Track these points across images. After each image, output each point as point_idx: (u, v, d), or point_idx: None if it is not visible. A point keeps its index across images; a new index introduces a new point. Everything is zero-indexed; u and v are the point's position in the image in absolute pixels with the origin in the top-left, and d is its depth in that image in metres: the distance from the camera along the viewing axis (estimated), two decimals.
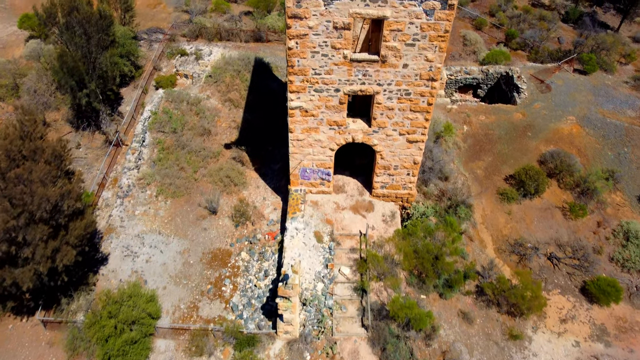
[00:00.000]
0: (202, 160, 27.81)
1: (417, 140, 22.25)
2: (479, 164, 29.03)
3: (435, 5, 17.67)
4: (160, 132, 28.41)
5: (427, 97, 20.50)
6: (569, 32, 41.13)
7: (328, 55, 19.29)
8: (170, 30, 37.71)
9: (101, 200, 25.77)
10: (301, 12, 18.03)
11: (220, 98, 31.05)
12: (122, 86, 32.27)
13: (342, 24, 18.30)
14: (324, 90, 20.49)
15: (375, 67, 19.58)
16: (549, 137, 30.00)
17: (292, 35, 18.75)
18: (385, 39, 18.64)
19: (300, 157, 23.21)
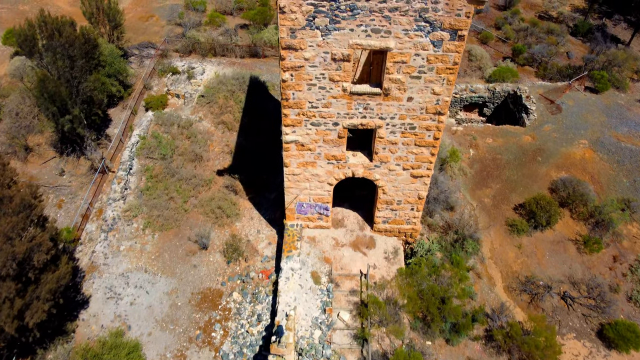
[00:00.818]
0: (193, 188, 26.21)
1: (422, 175, 20.65)
2: (486, 191, 27.40)
3: (444, 36, 16.07)
4: (148, 158, 26.81)
5: (434, 131, 18.90)
6: (578, 46, 39.51)
7: (326, 87, 17.69)
8: (163, 45, 36.13)
9: (84, 234, 24.17)
10: (296, 43, 16.43)
11: (213, 120, 29.44)
12: (111, 106, 30.67)
13: (341, 55, 16.70)
14: (321, 124, 18.89)
15: (377, 100, 17.99)
16: (560, 162, 28.37)
17: (286, 67, 17.15)
18: (389, 71, 17.05)
19: (296, 192, 21.62)
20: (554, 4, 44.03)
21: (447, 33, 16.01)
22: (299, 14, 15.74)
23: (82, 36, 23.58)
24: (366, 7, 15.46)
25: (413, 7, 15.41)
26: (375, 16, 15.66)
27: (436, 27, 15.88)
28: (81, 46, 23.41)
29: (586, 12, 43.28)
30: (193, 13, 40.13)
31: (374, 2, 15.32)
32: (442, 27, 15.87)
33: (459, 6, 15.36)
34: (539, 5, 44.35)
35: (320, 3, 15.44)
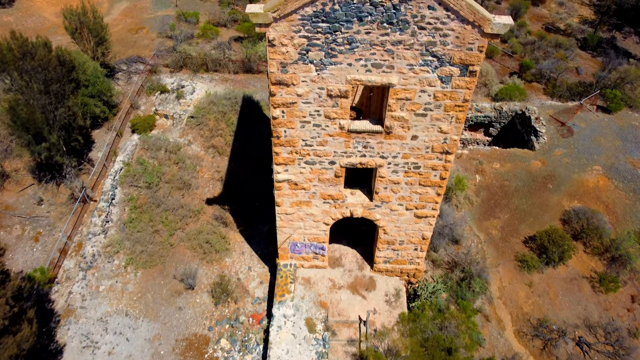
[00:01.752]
0: (180, 220, 24.44)
1: (427, 216, 18.89)
2: (494, 222, 25.64)
3: (453, 72, 14.32)
4: (133, 186, 25.04)
5: (440, 170, 17.14)
6: (588, 61, 37.78)
7: (321, 125, 15.93)
8: (152, 60, 34.36)
9: (62, 272, 22.39)
10: (287, 78, 14.68)
11: (203, 144, 27.67)
12: (95, 127, 28.91)
13: (338, 91, 14.95)
14: (316, 163, 17.13)
15: (378, 138, 16.23)
16: (573, 190, 26.63)
17: (277, 104, 15.39)
18: (391, 108, 15.29)
19: (289, 231, 19.85)
20: (562, 15, 42.31)
21: (457, 68, 14.26)
22: (291, 47, 13.99)
23: (56, 58, 21.78)
24: (366, 40, 13.71)
25: (419, 40, 13.66)
26: (377, 50, 13.92)
27: (445, 62, 14.13)
28: (56, 69, 21.62)
29: (595, 24, 41.55)
30: (185, 25, 38.37)
31: (375, 34, 13.57)
32: (452, 62, 14.12)
33: (470, 40, 13.61)
34: (546, 16, 42.62)
35: (314, 35, 13.69)
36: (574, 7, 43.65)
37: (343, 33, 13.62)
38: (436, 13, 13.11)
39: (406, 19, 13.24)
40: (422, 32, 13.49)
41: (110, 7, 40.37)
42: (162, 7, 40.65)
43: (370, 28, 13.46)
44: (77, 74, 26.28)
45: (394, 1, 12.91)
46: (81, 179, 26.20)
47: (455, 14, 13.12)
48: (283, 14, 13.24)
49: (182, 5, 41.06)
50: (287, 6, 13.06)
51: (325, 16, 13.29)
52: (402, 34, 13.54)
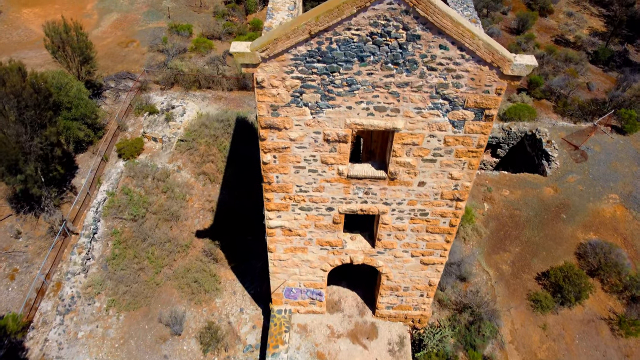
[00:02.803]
0: (168, 255, 22.75)
1: (434, 263, 17.19)
2: (504, 256, 23.94)
3: (467, 116, 12.62)
4: (117, 218, 23.35)
5: (450, 217, 15.45)
6: (599, 76, 36.07)
7: (317, 170, 14.25)
8: (142, 76, 32.67)
9: (38, 315, 20.70)
10: (279, 121, 12.99)
11: (193, 170, 25.97)
12: (79, 152, 27.21)
13: (337, 136, 13.25)
14: (312, 209, 15.44)
15: (382, 184, 14.54)
16: (588, 221, 24.92)
17: (267, 149, 13.70)
18: (396, 153, 13.60)
19: (283, 277, 18.16)
20: (571, 26, 40.60)
21: (471, 112, 12.56)
22: (282, 89, 12.30)
23: (31, 85, 20.10)
24: (368, 81, 12.02)
25: (429, 82, 11.96)
26: (380, 92, 12.23)
27: (457, 105, 12.43)
28: (31, 96, 19.94)
29: (606, 36, 39.83)
30: (178, 37, 36.68)
31: (378, 75, 11.88)
32: (465, 106, 12.43)
33: (487, 82, 11.91)
34: (555, 28, 40.92)
35: (309, 77, 12.00)
36: (583, 17, 41.96)
37: (342, 74, 11.93)
38: (448, 53, 11.42)
39: (414, 59, 11.55)
40: (432, 73, 11.80)
41: (99, 19, 38.70)
42: (154, 19, 38.97)
43: (372, 69, 11.78)
44: (58, 97, 24.66)
45: (400, 40, 11.22)
46: (62, 209, 24.53)
47: (470, 54, 11.42)
48: (273, 53, 11.55)
49: (175, 17, 39.39)
50: (278, 45, 11.38)
51: (321, 56, 11.61)
52: (410, 75, 11.85)
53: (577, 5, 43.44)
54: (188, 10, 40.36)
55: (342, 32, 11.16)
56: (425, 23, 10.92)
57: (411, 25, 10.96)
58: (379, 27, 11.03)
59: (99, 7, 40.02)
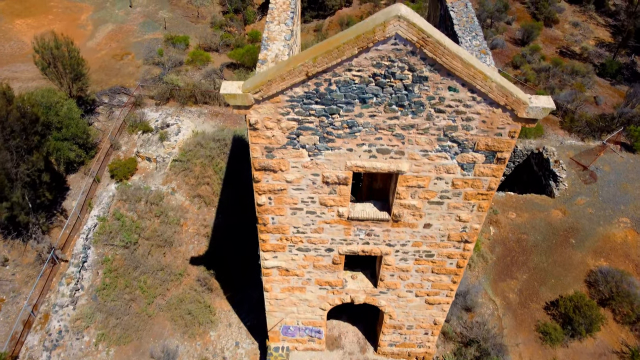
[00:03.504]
0: (160, 284, 21.82)
1: (440, 302, 16.24)
2: (511, 284, 22.99)
3: (477, 159, 11.68)
4: (108, 245, 22.42)
5: (457, 259, 14.51)
6: (607, 89, 35.12)
7: (316, 212, 13.31)
8: (137, 91, 31.75)
9: (24, 350, 19.77)
10: (274, 164, 12.05)
11: (188, 193, 25.04)
12: (70, 172, 26.29)
13: (336, 178, 12.31)
14: (310, 250, 14.50)
15: (385, 226, 13.60)
16: (598, 246, 23.96)
17: (262, 191, 12.77)
18: (400, 195, 12.66)
19: (281, 315, 17.22)
20: (577, 37, 39.65)
21: (482, 155, 11.62)
22: (277, 131, 11.37)
23: (17, 110, 19.18)
24: (370, 123, 11.09)
25: (436, 124, 11.02)
26: (383, 134, 11.29)
27: (467, 147, 11.49)
28: (17, 121, 19.03)
29: (613, 47, 38.87)
30: (174, 50, 35.75)
31: (382, 118, 10.94)
32: (476, 149, 11.49)
33: (500, 124, 10.97)
34: (560, 38, 39.97)
35: (306, 118, 11.06)
36: (589, 28, 41.01)
37: (342, 116, 10.99)
38: (458, 95, 10.48)
39: (421, 101, 10.61)
40: (440, 115, 10.86)
41: (94, 30, 37.79)
42: (150, 30, 38.06)
43: (375, 111, 10.84)
44: (47, 117, 23.76)
45: (405, 82, 10.28)
46: (52, 233, 23.62)
47: (482, 96, 10.48)
48: (267, 95, 10.62)
49: (171, 28, 38.48)
50: (272, 87, 10.44)
51: (319, 97, 10.67)
52: (416, 117, 10.91)
53: (583, 15, 42.50)
54: (185, 20, 39.46)
55: (342, 73, 10.23)
56: (434, 64, 9.99)
57: (418, 66, 10.03)
58: (383, 69, 10.10)
59: (93, 17, 39.13)
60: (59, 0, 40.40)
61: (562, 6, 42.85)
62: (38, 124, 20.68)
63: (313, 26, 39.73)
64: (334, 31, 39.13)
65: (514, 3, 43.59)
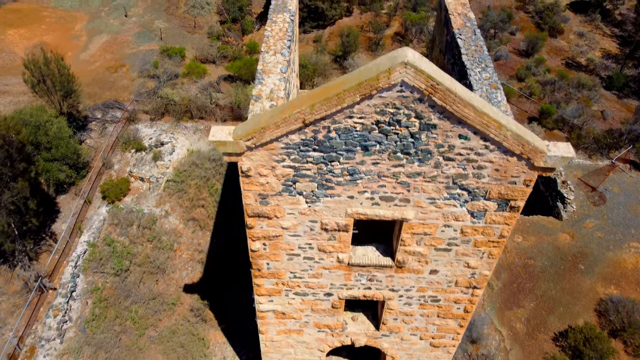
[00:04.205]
0: (153, 314, 20.91)
1: (446, 345, 15.33)
2: (518, 313, 22.08)
3: (488, 207, 10.77)
4: (98, 273, 21.52)
5: (465, 304, 13.60)
6: (614, 103, 34.22)
7: (314, 258, 12.40)
8: (131, 106, 30.84)
9: None
10: (269, 210, 11.14)
11: (182, 215, 24.13)
12: (60, 193, 25.38)
13: (336, 225, 11.41)
14: (308, 294, 13.60)
15: (388, 272, 12.70)
16: (608, 272, 23.07)
17: (256, 237, 11.87)
18: (405, 242, 11.76)
19: (277, 357, 16.32)
20: (582, 48, 38.74)
21: (494, 203, 10.71)
22: (272, 178, 10.46)
23: (1, 138, 18.28)
24: (373, 171, 10.18)
25: (444, 172, 10.12)
26: (387, 182, 10.38)
27: (477, 195, 10.58)
28: (1, 148, 18.13)
29: (619, 59, 37.96)
30: (169, 62, 34.83)
31: (385, 165, 10.04)
32: (487, 197, 10.58)
33: (514, 173, 10.07)
34: (565, 49, 39.06)
35: (303, 166, 10.16)
36: (594, 38, 40.10)
37: (342, 163, 10.09)
38: (469, 143, 9.57)
39: (428, 149, 9.71)
40: (449, 163, 9.96)
41: (88, 41, 36.87)
42: (146, 41, 37.15)
43: (378, 158, 9.94)
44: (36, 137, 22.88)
45: (411, 129, 9.38)
46: (41, 258, 22.72)
47: (495, 145, 9.58)
48: (260, 142, 9.71)
49: (167, 39, 37.57)
50: (265, 135, 9.54)
51: (318, 145, 9.77)
52: (422, 165, 10.01)
53: (589, 25, 41.59)
54: (181, 31, 38.55)
55: (343, 120, 9.33)
56: (443, 112, 9.08)
57: (426, 114, 9.13)
58: (387, 116, 9.20)
59: (88, 27, 38.22)
60: (52, 10, 39.51)
61: (567, 15, 41.94)
62: (24, 151, 19.77)
63: (312, 36, 38.82)
64: (333, 42, 38.24)
65: (517, 12, 42.68)
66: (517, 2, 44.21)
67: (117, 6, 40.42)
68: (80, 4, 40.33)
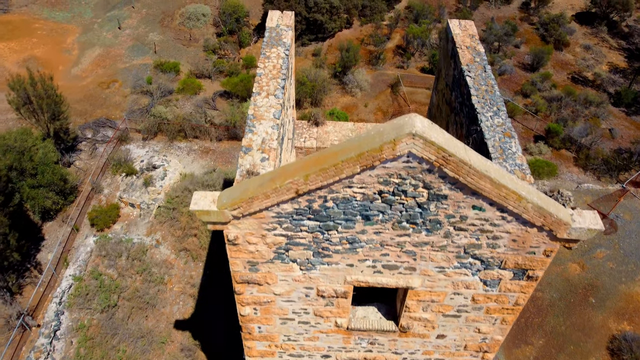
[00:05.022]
0: (141, 354, 19.80)
1: None
2: (526, 350, 20.99)
3: (503, 275, 9.68)
4: (84, 309, 20.42)
5: None
6: (622, 120, 33.15)
7: (310, 322, 11.30)
8: (123, 124, 29.77)
9: None
10: (259, 277, 10.05)
11: (173, 245, 23.04)
12: (47, 220, 24.30)
13: (334, 292, 10.31)
14: (304, 356, 12.50)
15: (391, 336, 11.60)
16: (621, 307, 21.98)
17: (246, 302, 10.77)
18: (410, 309, 10.67)
19: None
20: (589, 61, 37.66)
21: (510, 272, 9.63)
22: (262, 246, 9.37)
23: None
24: (375, 240, 9.10)
25: (455, 242, 9.03)
26: (391, 250, 9.30)
27: (492, 265, 9.50)
28: None
29: (627, 73, 36.88)
30: (163, 77, 33.74)
31: (389, 235, 8.96)
32: (503, 266, 9.49)
33: (534, 243, 8.99)
34: (571, 63, 37.99)
35: (296, 234, 9.07)
36: (601, 51, 39.03)
37: (340, 232, 9.00)
38: (484, 214, 8.49)
39: (437, 219, 8.62)
40: (460, 233, 8.87)
41: (80, 55, 35.79)
42: (139, 55, 36.06)
43: (381, 228, 8.85)
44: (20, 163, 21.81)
45: (419, 200, 8.29)
46: (25, 292, 21.63)
47: (514, 216, 8.49)
48: (248, 212, 8.62)
49: (162, 52, 36.48)
50: (254, 204, 8.45)
51: (313, 214, 8.68)
52: (431, 235, 8.92)
53: (595, 37, 40.53)
54: (176, 44, 37.47)
55: (341, 190, 8.24)
56: (455, 183, 8.00)
57: (435, 184, 8.04)
58: (391, 186, 8.11)
59: (80, 40, 37.14)
60: (44, 22, 38.44)
61: (572, 27, 40.89)
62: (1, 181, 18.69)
63: (311, 50, 37.73)
64: (333, 55, 37.16)
65: (522, 24, 41.63)
66: (521, 13, 43.17)
67: (110, 18, 39.34)
68: (73, 16, 39.25)
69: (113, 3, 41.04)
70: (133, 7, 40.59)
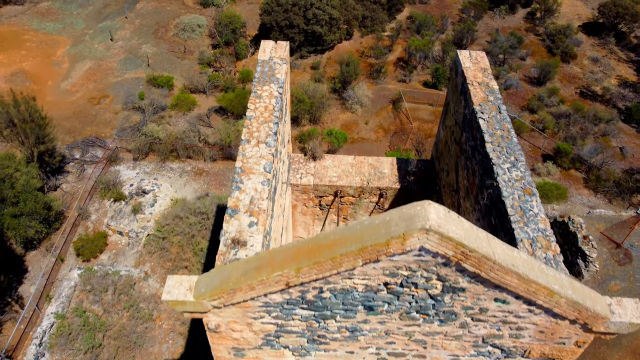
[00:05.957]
0: None
1: None
2: None
3: None
4: (67, 350, 19.14)
5: None
6: (633, 138, 31.90)
7: None
8: (113, 143, 28.50)
9: None
10: None
11: (163, 278, 21.76)
12: (30, 249, 23.04)
13: None
14: None
15: None
16: (637, 345, 20.72)
17: None
18: None
19: None
20: (597, 75, 36.42)
21: None
22: (249, 333, 8.11)
23: None
24: (379, 329, 7.83)
25: (472, 332, 7.76)
26: (397, 339, 8.03)
27: (514, 354, 8.23)
28: None
29: (637, 87, 35.62)
30: (156, 92, 32.47)
31: (396, 325, 7.69)
32: (527, 355, 8.23)
33: (565, 335, 7.71)
34: (579, 76, 36.73)
35: (288, 323, 7.80)
36: (609, 64, 37.77)
37: (339, 322, 7.73)
38: (508, 307, 7.22)
39: (453, 310, 7.35)
40: (479, 324, 7.61)
41: (70, 68, 34.52)
42: (132, 68, 34.80)
43: (387, 318, 7.59)
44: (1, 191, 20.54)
45: (432, 292, 7.03)
46: (5, 328, 20.35)
47: (543, 309, 7.22)
48: (230, 302, 7.35)
49: (155, 65, 35.21)
50: (237, 296, 7.19)
51: (307, 304, 7.42)
52: (444, 325, 7.66)
53: (603, 49, 39.27)
54: (170, 56, 36.21)
55: (339, 281, 6.98)
56: (476, 277, 6.73)
57: (451, 277, 6.77)
58: (399, 278, 6.85)
59: (70, 53, 35.86)
60: (34, 33, 37.16)
61: (579, 38, 39.63)
62: None
63: (310, 62, 36.47)
64: (332, 68, 35.91)
65: (527, 35, 40.37)
66: (526, 24, 41.92)
67: (102, 29, 38.09)
68: (64, 27, 37.99)
69: (105, 13, 39.80)
70: (126, 18, 39.35)
